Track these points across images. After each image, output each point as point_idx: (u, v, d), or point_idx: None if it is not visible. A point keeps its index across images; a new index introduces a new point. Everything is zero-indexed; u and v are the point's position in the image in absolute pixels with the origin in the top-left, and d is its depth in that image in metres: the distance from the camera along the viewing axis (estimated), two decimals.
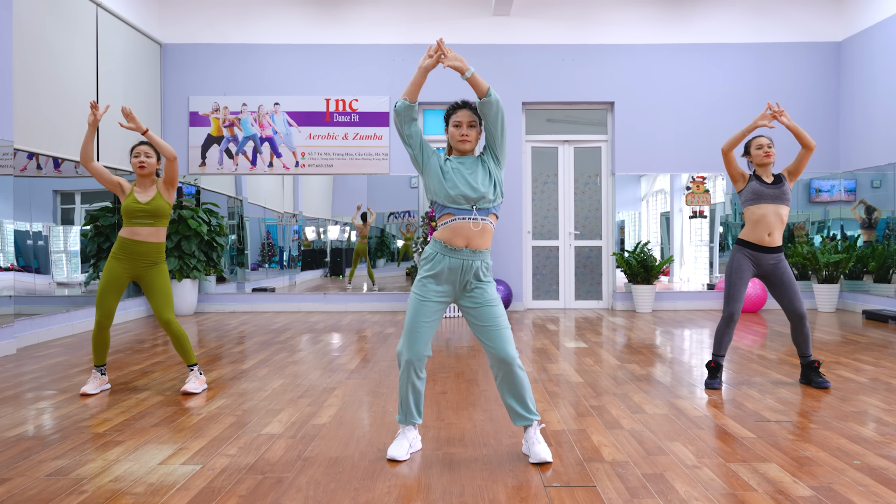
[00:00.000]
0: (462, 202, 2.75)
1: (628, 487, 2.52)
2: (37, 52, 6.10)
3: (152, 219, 3.97)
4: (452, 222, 2.77)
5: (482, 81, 2.75)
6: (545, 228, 8.75)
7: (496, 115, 2.78)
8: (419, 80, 2.78)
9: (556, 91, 8.55)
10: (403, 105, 2.77)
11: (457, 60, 2.73)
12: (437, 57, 2.74)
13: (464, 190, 2.74)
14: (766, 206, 4.05)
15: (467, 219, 2.76)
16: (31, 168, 6.08)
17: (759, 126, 4.00)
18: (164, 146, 3.92)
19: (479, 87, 2.74)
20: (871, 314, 7.29)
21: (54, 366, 4.88)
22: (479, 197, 2.75)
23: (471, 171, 2.79)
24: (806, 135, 4.03)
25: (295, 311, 8.46)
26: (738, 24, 8.58)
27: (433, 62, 2.75)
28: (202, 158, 8.50)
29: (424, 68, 2.76)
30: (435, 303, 2.80)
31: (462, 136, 2.81)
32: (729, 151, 4.06)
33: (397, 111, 2.78)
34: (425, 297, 2.79)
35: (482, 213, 2.78)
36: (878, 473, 2.64)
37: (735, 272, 4.10)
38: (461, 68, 2.73)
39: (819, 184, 8.66)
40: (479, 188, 2.75)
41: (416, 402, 2.89)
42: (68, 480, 2.60)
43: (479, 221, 2.77)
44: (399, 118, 2.79)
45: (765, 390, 4.03)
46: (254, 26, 8.57)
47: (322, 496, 2.45)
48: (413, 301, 2.82)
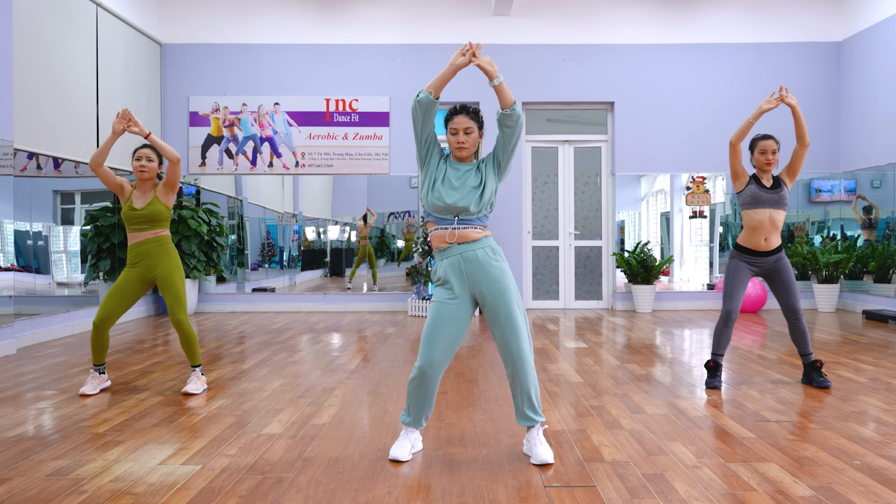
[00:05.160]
0: (445, 213, 2.77)
1: (628, 487, 2.52)
2: (37, 52, 6.10)
3: (149, 223, 3.98)
4: (435, 231, 2.81)
5: (509, 93, 2.72)
6: (545, 228, 8.75)
7: (514, 129, 2.75)
8: (447, 76, 2.73)
9: (556, 91, 8.55)
10: (427, 98, 2.73)
11: (488, 64, 2.70)
12: (470, 56, 2.70)
13: (447, 202, 2.74)
14: (762, 211, 4.04)
15: (449, 228, 2.78)
16: (31, 168, 6.08)
17: (764, 111, 3.91)
18: (168, 149, 3.92)
19: (505, 98, 2.72)
20: (871, 314, 7.28)
21: (54, 366, 4.88)
22: (460, 209, 2.75)
23: (462, 179, 2.77)
24: (804, 127, 3.99)
25: (295, 311, 8.46)
26: (738, 23, 8.58)
27: (466, 61, 2.71)
28: (202, 158, 8.50)
29: (456, 66, 2.72)
30: (451, 307, 2.75)
31: (459, 143, 2.79)
32: (737, 143, 4.02)
33: (419, 101, 2.74)
34: (440, 301, 2.79)
35: (464, 223, 2.77)
36: (878, 473, 2.64)
37: (732, 272, 4.11)
38: (491, 73, 2.70)
39: (819, 184, 8.66)
40: (462, 201, 2.74)
41: (423, 409, 2.87)
42: (68, 480, 2.60)
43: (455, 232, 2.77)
44: (419, 108, 2.75)
45: (765, 390, 4.03)
46: (254, 26, 8.57)
47: (322, 496, 2.45)
48: (431, 308, 2.82)
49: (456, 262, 2.77)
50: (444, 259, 2.79)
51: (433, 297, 2.83)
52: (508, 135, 2.77)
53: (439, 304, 2.78)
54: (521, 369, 2.77)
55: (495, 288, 2.75)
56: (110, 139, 3.89)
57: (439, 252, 2.81)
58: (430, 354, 2.74)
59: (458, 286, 2.78)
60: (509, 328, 2.75)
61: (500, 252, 2.82)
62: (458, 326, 2.77)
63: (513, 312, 2.75)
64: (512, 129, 2.76)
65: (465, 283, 2.78)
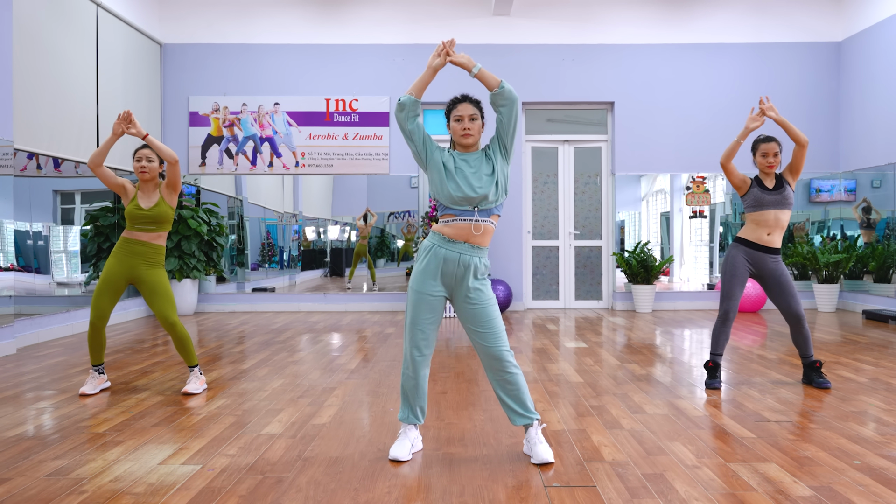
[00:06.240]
0: (464, 204, 2.74)
1: (628, 487, 2.52)
2: (37, 52, 6.10)
3: (154, 224, 3.98)
4: (454, 222, 2.77)
5: (490, 75, 2.75)
6: (545, 228, 8.75)
7: (509, 106, 2.77)
8: (427, 79, 2.79)
9: (556, 91, 8.55)
10: (410, 99, 2.76)
11: (461, 57, 2.75)
12: (444, 55, 2.76)
13: (466, 192, 2.72)
14: (768, 213, 4.04)
15: (469, 220, 2.75)
16: (31, 168, 6.08)
17: (751, 130, 3.94)
18: (165, 150, 3.91)
19: (489, 81, 2.75)
20: (871, 314, 7.28)
21: (54, 366, 4.88)
22: (480, 198, 2.74)
23: (474, 169, 2.77)
24: (796, 130, 3.95)
25: (295, 311, 8.46)
26: (738, 24, 8.58)
27: (442, 61, 2.77)
28: (202, 158, 8.50)
29: (434, 67, 2.77)
30: (433, 297, 2.78)
31: (464, 130, 2.79)
32: (727, 163, 4.02)
33: (402, 104, 2.76)
34: (423, 291, 2.78)
35: (483, 213, 2.77)
36: (878, 473, 2.64)
37: (730, 270, 4.08)
38: (467, 65, 2.75)
39: (819, 184, 8.66)
40: (480, 190, 2.73)
41: (417, 400, 2.88)
42: (68, 480, 2.60)
43: (481, 224, 2.76)
44: (403, 113, 2.77)
45: (765, 390, 4.03)
46: (254, 26, 8.57)
47: (322, 496, 2.45)
48: (411, 296, 2.81)
49: (454, 258, 2.75)
50: (445, 249, 2.76)
51: (416, 283, 2.79)
52: (506, 114, 2.79)
53: (422, 294, 2.78)
54: (507, 370, 2.78)
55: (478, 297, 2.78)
56: (110, 140, 3.89)
57: (444, 240, 2.76)
58: (416, 340, 2.81)
59: (445, 282, 2.79)
60: (492, 333, 2.77)
61: (488, 267, 2.85)
62: (438, 314, 2.84)
63: (494, 317, 2.78)
64: (508, 108, 2.78)
65: (451, 283, 2.79)
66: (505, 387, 2.80)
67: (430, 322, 2.80)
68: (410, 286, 2.83)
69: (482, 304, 2.78)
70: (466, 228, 2.75)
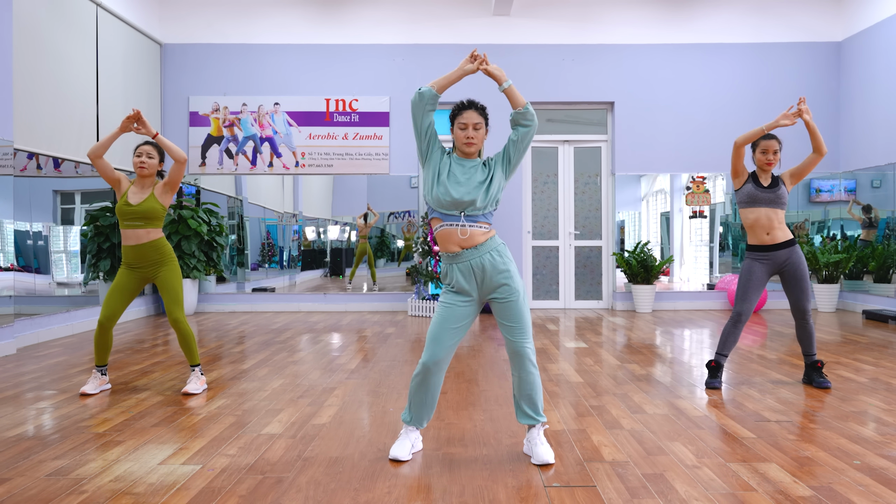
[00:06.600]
0: (451, 208, 2.74)
1: (628, 487, 2.52)
2: (37, 52, 6.10)
3: (143, 220, 3.95)
4: (441, 228, 2.78)
5: (519, 94, 2.77)
6: (545, 228, 8.75)
7: (529, 126, 2.77)
8: (453, 79, 2.78)
9: (556, 91, 8.56)
10: (430, 92, 2.74)
11: (496, 69, 2.75)
12: (479, 64, 2.76)
13: (454, 196, 2.71)
14: (759, 210, 4.06)
15: (455, 225, 2.75)
16: (31, 168, 6.08)
17: (781, 126, 3.92)
18: (175, 150, 3.91)
19: (516, 99, 2.76)
20: (871, 314, 7.28)
21: (54, 366, 4.88)
22: (468, 203, 2.72)
23: (468, 175, 2.75)
24: (821, 139, 3.98)
25: (295, 311, 8.46)
26: (738, 24, 8.58)
27: (475, 67, 2.77)
28: (202, 158, 8.50)
29: (465, 70, 2.78)
30: (461, 308, 2.79)
31: (468, 138, 2.78)
32: (741, 147, 4.02)
33: (422, 94, 2.74)
34: (451, 304, 2.80)
35: (470, 219, 2.75)
36: (878, 473, 2.64)
37: (746, 274, 4.11)
38: (499, 78, 2.75)
39: (819, 184, 8.66)
40: (468, 195, 2.71)
41: (425, 408, 2.87)
42: (68, 480, 2.60)
43: (467, 228, 2.74)
44: (420, 103, 2.75)
45: (765, 390, 4.03)
46: (254, 26, 8.57)
47: (322, 496, 2.45)
48: (439, 308, 2.82)
49: (466, 268, 2.76)
50: (454, 264, 2.77)
51: (442, 297, 2.83)
52: (523, 133, 2.78)
53: (449, 306, 2.79)
54: (525, 368, 2.78)
55: (505, 292, 2.77)
56: (114, 134, 3.91)
57: (449, 256, 2.79)
58: (436, 352, 2.77)
59: (471, 290, 2.79)
60: (518, 329, 2.78)
61: (506, 252, 2.81)
62: (464, 327, 2.82)
63: (521, 314, 2.78)
64: (527, 128, 2.78)
65: (475, 287, 2.79)
66: (520, 383, 2.81)
67: (453, 333, 2.79)
68: (440, 300, 2.84)
69: (510, 299, 2.77)
70: (453, 233, 2.75)
